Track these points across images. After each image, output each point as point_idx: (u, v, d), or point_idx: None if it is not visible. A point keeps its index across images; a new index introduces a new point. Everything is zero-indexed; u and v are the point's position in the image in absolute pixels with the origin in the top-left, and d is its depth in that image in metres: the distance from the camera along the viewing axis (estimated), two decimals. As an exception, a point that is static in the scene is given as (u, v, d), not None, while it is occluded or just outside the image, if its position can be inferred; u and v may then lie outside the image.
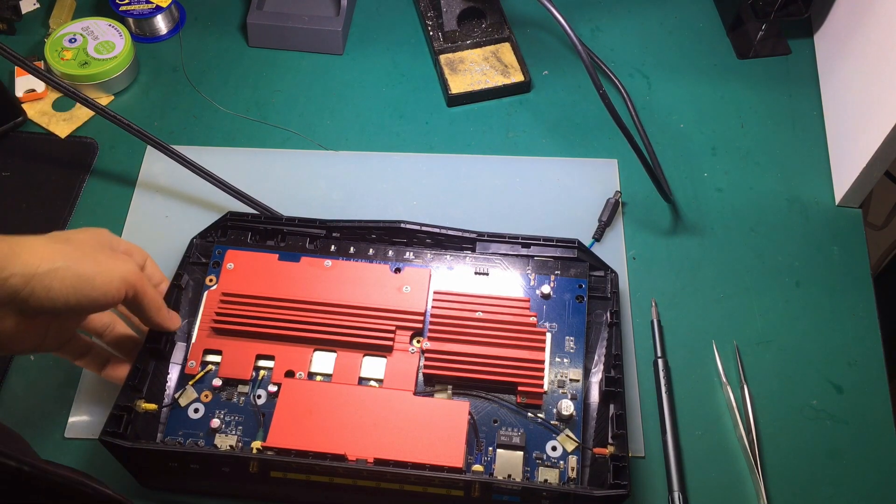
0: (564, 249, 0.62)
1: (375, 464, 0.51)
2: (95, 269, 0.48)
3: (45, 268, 0.45)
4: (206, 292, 0.60)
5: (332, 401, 0.54)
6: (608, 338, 0.58)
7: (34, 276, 0.45)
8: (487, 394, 0.56)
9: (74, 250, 0.48)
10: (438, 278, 0.61)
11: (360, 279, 0.60)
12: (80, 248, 0.48)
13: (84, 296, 0.47)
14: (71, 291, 0.46)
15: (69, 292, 0.46)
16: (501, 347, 0.57)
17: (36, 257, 0.45)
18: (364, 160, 0.72)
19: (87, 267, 0.47)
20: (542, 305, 0.60)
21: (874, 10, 0.67)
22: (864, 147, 0.64)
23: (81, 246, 0.49)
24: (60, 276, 0.46)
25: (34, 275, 0.45)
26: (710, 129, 0.74)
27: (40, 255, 0.46)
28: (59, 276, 0.46)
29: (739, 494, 0.56)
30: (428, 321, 0.59)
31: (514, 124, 0.74)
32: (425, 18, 0.79)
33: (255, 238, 0.63)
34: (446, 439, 0.52)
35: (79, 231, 0.52)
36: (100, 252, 0.50)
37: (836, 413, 0.59)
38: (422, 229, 0.62)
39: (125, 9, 0.79)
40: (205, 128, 0.74)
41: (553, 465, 0.53)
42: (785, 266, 0.66)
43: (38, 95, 0.75)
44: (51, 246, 0.47)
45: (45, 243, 0.47)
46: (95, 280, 0.47)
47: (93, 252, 0.49)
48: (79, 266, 0.47)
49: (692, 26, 0.81)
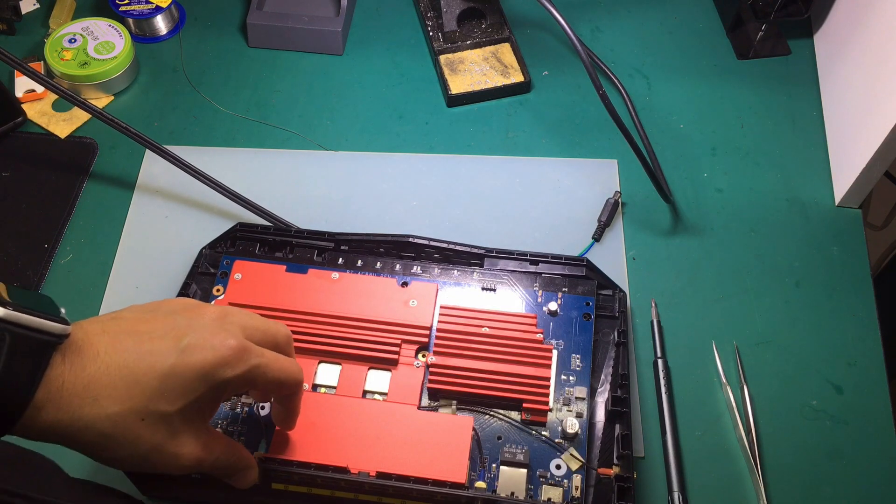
0: (573, 267, 0.62)
1: (378, 477, 0.51)
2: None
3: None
4: (212, 302, 0.60)
5: (336, 413, 0.54)
6: (615, 357, 0.58)
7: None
8: (492, 410, 0.56)
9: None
10: (445, 293, 0.61)
11: (366, 292, 0.60)
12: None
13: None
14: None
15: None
16: (507, 364, 0.57)
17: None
18: (364, 160, 0.72)
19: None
20: (549, 322, 0.59)
21: (874, 10, 0.67)
22: (864, 147, 0.64)
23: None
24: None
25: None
26: (710, 129, 0.74)
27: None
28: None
29: (739, 494, 0.56)
30: (434, 336, 0.58)
31: (514, 124, 0.74)
32: (425, 19, 0.79)
33: (264, 249, 0.63)
34: (450, 455, 0.52)
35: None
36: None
37: (836, 413, 0.59)
38: (430, 244, 0.62)
39: (125, 9, 0.79)
40: (205, 128, 0.74)
41: (557, 484, 0.53)
42: (785, 266, 0.66)
43: (37, 96, 0.75)
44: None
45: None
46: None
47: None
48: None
49: (692, 26, 0.81)
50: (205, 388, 0.42)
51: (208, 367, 0.42)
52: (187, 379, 0.41)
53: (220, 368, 0.42)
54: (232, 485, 0.49)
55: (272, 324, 0.48)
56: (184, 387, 0.41)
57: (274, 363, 0.45)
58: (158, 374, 0.41)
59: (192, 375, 0.42)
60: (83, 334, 0.40)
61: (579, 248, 0.67)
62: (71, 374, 0.39)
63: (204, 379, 0.42)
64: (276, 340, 0.47)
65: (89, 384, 0.39)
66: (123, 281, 0.66)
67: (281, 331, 0.48)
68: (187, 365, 0.41)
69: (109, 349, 0.40)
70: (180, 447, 0.43)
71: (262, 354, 0.44)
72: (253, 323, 0.46)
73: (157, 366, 0.41)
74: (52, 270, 0.66)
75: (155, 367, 0.41)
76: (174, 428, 0.42)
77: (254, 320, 0.47)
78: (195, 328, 0.43)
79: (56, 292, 0.65)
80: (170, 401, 0.41)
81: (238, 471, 0.48)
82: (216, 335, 0.43)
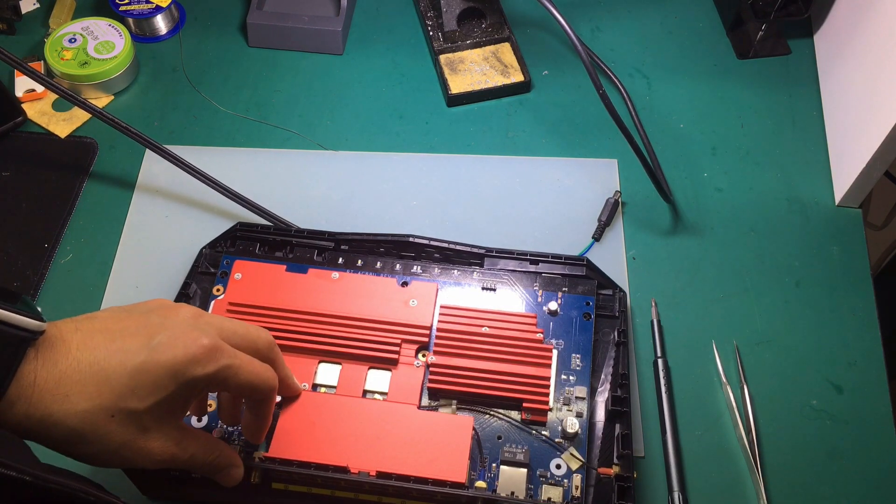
0: (573, 267, 0.62)
1: (378, 477, 0.51)
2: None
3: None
4: (212, 302, 0.60)
5: (336, 413, 0.54)
6: (615, 357, 0.58)
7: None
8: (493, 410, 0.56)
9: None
10: (445, 293, 0.61)
11: (366, 292, 0.60)
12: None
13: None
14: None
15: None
16: (507, 363, 0.57)
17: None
18: (364, 160, 0.72)
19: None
20: (549, 322, 0.59)
21: (874, 10, 0.67)
22: (864, 147, 0.64)
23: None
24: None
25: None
26: (710, 129, 0.74)
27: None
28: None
29: (739, 494, 0.56)
30: (434, 335, 0.58)
31: (514, 124, 0.74)
32: (425, 18, 0.79)
33: (264, 249, 0.63)
34: (450, 454, 0.52)
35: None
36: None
37: (836, 413, 0.59)
38: (430, 244, 0.62)
39: (125, 9, 0.79)
40: (205, 128, 0.74)
41: (557, 484, 0.53)
42: (785, 266, 0.66)
43: (37, 95, 0.75)
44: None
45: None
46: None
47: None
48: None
49: (692, 26, 0.81)
50: (175, 385, 0.42)
51: (178, 365, 0.42)
52: (157, 376, 0.41)
53: (191, 366, 0.42)
54: (218, 482, 0.49)
55: (252, 328, 0.47)
56: (154, 384, 0.41)
57: (247, 365, 0.45)
58: (128, 371, 0.41)
59: (162, 373, 0.41)
60: (57, 332, 0.40)
61: (579, 247, 0.67)
62: (43, 370, 0.39)
63: (174, 376, 0.42)
64: (256, 346, 0.47)
65: (61, 380, 0.39)
66: (123, 281, 0.66)
67: (262, 336, 0.48)
68: (157, 362, 0.41)
69: (81, 346, 0.41)
70: (150, 443, 0.43)
71: (234, 356, 0.44)
72: (230, 326, 0.46)
73: (127, 363, 0.41)
74: (52, 270, 0.66)
75: (125, 365, 0.41)
76: (144, 425, 0.42)
77: (231, 323, 0.46)
78: (168, 326, 0.43)
79: (56, 292, 0.65)
80: (140, 398, 0.41)
81: (221, 468, 0.48)
82: (188, 333, 0.43)
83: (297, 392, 0.54)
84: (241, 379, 0.45)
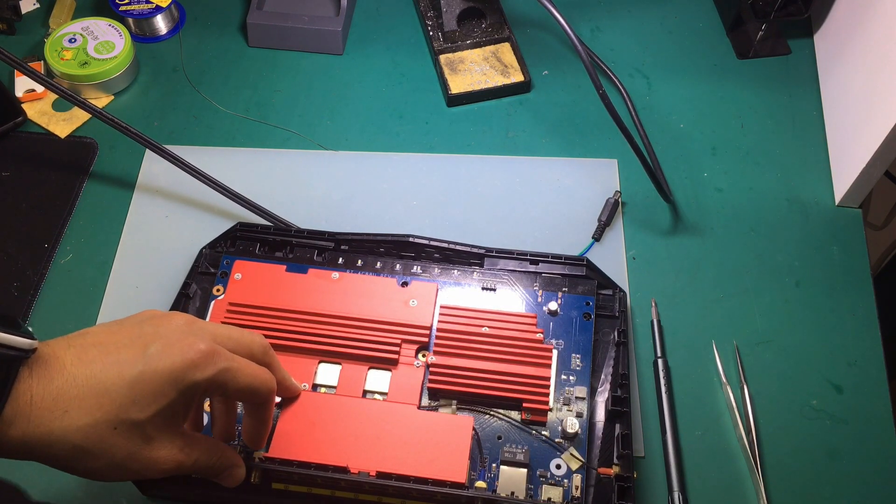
0: (573, 267, 0.62)
1: (378, 477, 0.51)
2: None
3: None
4: (212, 302, 0.60)
5: (336, 413, 0.54)
6: (615, 357, 0.58)
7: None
8: (493, 410, 0.56)
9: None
10: (445, 293, 0.61)
11: (366, 292, 0.60)
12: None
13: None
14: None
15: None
16: (507, 363, 0.57)
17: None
18: (364, 160, 0.72)
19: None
20: (549, 322, 0.59)
21: (874, 10, 0.67)
22: (864, 147, 0.64)
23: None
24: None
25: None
26: (710, 129, 0.74)
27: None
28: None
29: (739, 494, 0.56)
30: (434, 335, 0.58)
31: (514, 124, 0.74)
32: (425, 18, 0.79)
33: (264, 249, 0.63)
34: (450, 454, 0.52)
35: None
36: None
37: (836, 413, 0.59)
38: (430, 244, 0.62)
39: (125, 9, 0.79)
40: (205, 128, 0.74)
41: (557, 484, 0.53)
42: (785, 266, 0.66)
43: (37, 95, 0.75)
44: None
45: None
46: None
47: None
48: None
49: (692, 26, 0.81)
50: (175, 392, 0.42)
51: (177, 371, 0.42)
52: (156, 384, 0.41)
53: (189, 371, 0.42)
54: (220, 483, 0.49)
55: (246, 333, 0.47)
56: (154, 392, 0.41)
57: (245, 368, 0.45)
58: (127, 382, 0.41)
59: (162, 380, 0.41)
60: (49, 350, 0.40)
61: (579, 247, 0.67)
62: (39, 387, 0.39)
63: (173, 383, 0.42)
64: (251, 350, 0.47)
65: (58, 397, 0.39)
66: (123, 281, 0.66)
67: (256, 340, 0.48)
68: (155, 370, 0.41)
69: (76, 361, 0.41)
70: (156, 452, 0.43)
71: (232, 359, 0.44)
72: (224, 331, 0.46)
73: (124, 374, 0.41)
74: (52, 270, 0.66)
75: (123, 376, 0.41)
76: (148, 434, 0.42)
77: (225, 329, 0.46)
78: (162, 335, 0.43)
79: (56, 292, 0.65)
80: (141, 408, 0.41)
81: (223, 470, 0.48)
82: (184, 339, 0.43)
83: (296, 392, 0.54)
84: (241, 382, 0.45)
